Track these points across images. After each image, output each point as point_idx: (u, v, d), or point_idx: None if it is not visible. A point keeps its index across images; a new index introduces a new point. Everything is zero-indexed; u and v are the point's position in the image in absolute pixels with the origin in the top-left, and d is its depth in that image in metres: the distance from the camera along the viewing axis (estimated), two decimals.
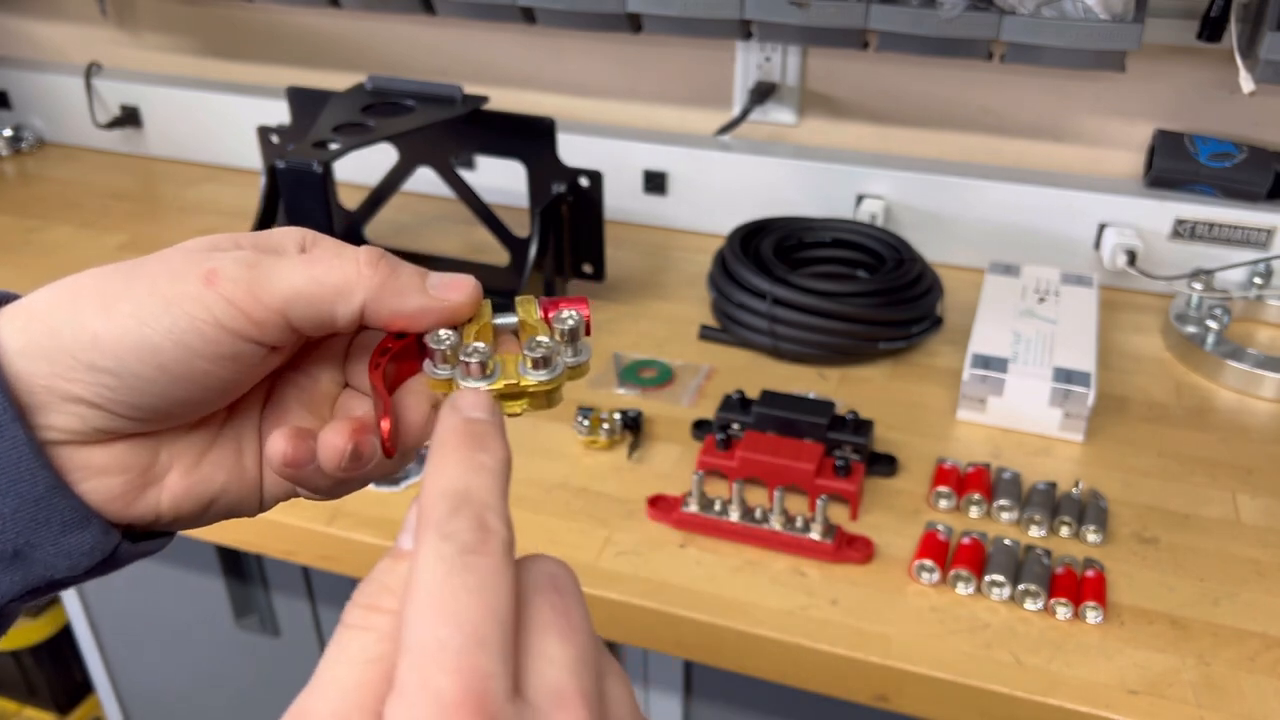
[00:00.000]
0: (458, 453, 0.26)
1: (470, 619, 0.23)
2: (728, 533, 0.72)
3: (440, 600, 0.23)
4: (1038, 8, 0.87)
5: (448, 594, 0.23)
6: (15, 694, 1.42)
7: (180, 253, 0.31)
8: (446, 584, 0.23)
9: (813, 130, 1.16)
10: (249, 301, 0.30)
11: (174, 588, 0.98)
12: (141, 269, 0.30)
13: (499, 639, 0.23)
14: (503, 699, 0.22)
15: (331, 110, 0.94)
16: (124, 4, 1.37)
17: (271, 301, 0.30)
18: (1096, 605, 0.66)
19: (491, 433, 0.27)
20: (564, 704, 0.24)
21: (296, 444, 0.32)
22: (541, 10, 1.02)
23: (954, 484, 0.76)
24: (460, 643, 0.22)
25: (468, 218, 1.08)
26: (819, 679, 0.66)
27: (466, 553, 0.24)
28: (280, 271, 0.30)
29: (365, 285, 0.31)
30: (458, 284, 0.33)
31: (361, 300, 0.31)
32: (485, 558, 0.24)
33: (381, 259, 0.31)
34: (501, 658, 0.23)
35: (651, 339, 0.97)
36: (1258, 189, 1.00)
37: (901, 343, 0.94)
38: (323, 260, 0.31)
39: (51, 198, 1.29)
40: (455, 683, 0.22)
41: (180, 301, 0.29)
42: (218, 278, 0.29)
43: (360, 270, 0.31)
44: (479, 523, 0.24)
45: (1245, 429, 0.86)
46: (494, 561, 0.24)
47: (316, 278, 0.30)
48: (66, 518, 0.30)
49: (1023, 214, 1.06)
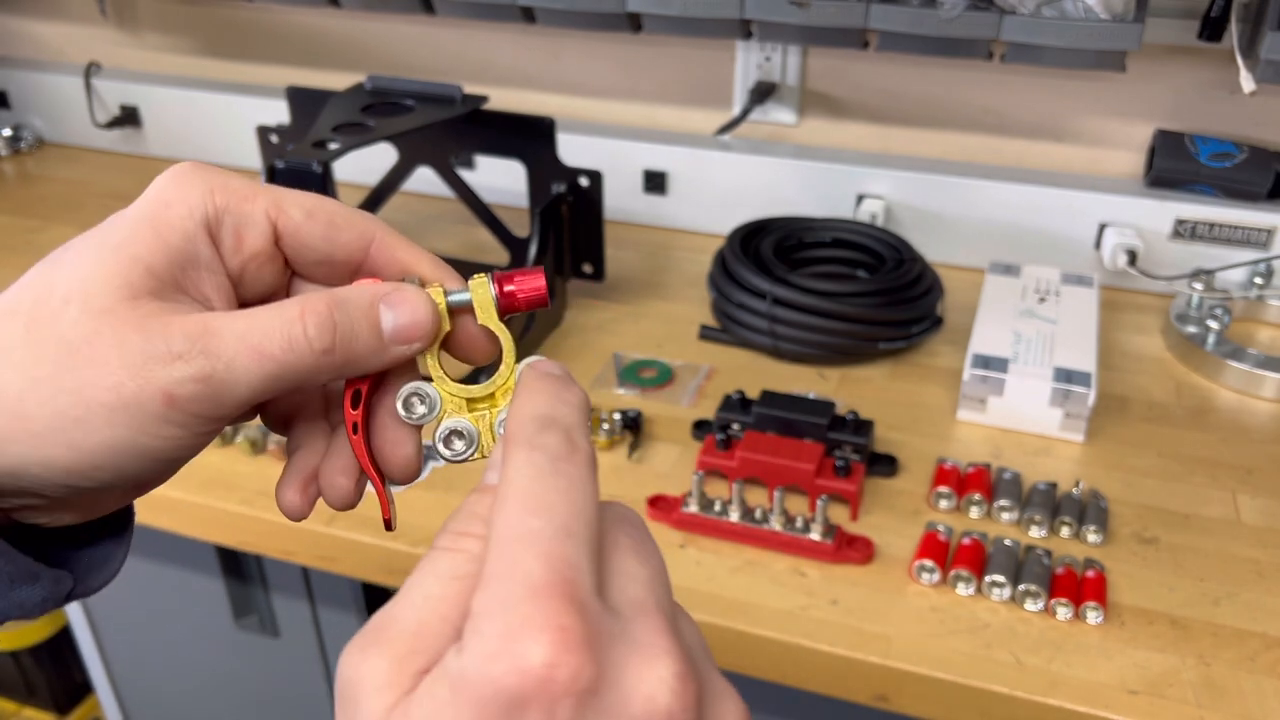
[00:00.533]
0: (544, 387, 0.28)
1: (560, 513, 0.24)
2: (728, 533, 0.72)
3: (532, 495, 0.24)
4: (1038, 8, 0.87)
5: (539, 491, 0.24)
6: (15, 694, 1.42)
7: (110, 340, 0.28)
8: (538, 483, 0.25)
9: (813, 130, 1.16)
10: (214, 409, 0.29)
11: (174, 588, 0.98)
12: (80, 377, 0.28)
13: (586, 536, 0.24)
14: (589, 589, 0.23)
15: (331, 110, 0.94)
16: (124, 4, 1.37)
17: (235, 404, 0.29)
18: (1097, 605, 0.66)
19: (570, 380, 0.29)
20: (645, 613, 0.24)
21: (308, 495, 0.34)
22: (541, 10, 1.02)
23: (954, 484, 0.76)
24: (551, 531, 0.24)
25: (468, 218, 1.08)
26: (819, 679, 0.66)
27: (557, 459, 0.25)
28: (236, 375, 0.29)
29: (325, 370, 0.30)
30: (416, 327, 0.31)
31: (326, 379, 0.31)
32: (574, 466, 0.25)
33: (334, 335, 0.30)
34: (589, 554, 0.24)
35: (651, 339, 0.97)
36: (1258, 189, 1.00)
37: (902, 343, 0.93)
38: (275, 355, 0.29)
39: (51, 198, 1.29)
40: (545, 566, 0.23)
41: (151, 429, 0.28)
42: (178, 400, 0.28)
43: (317, 362, 0.30)
44: (568, 438, 0.26)
45: (1246, 429, 0.86)
46: (582, 471, 0.26)
47: (275, 375, 0.29)
48: (15, 575, 0.29)
49: (1023, 214, 1.06)
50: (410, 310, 0.31)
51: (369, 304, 0.31)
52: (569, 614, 0.22)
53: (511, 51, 1.23)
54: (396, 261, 0.33)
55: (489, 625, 0.22)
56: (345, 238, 0.32)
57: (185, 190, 0.30)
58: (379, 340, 0.31)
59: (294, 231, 0.32)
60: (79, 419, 0.28)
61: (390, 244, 0.33)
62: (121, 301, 0.28)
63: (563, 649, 0.22)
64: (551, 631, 0.22)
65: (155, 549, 0.96)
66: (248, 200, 0.31)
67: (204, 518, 0.79)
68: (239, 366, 0.29)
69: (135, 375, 0.28)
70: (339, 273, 0.33)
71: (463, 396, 0.33)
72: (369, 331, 0.31)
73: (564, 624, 0.22)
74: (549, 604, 0.22)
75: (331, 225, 0.32)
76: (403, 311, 0.31)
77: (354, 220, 0.33)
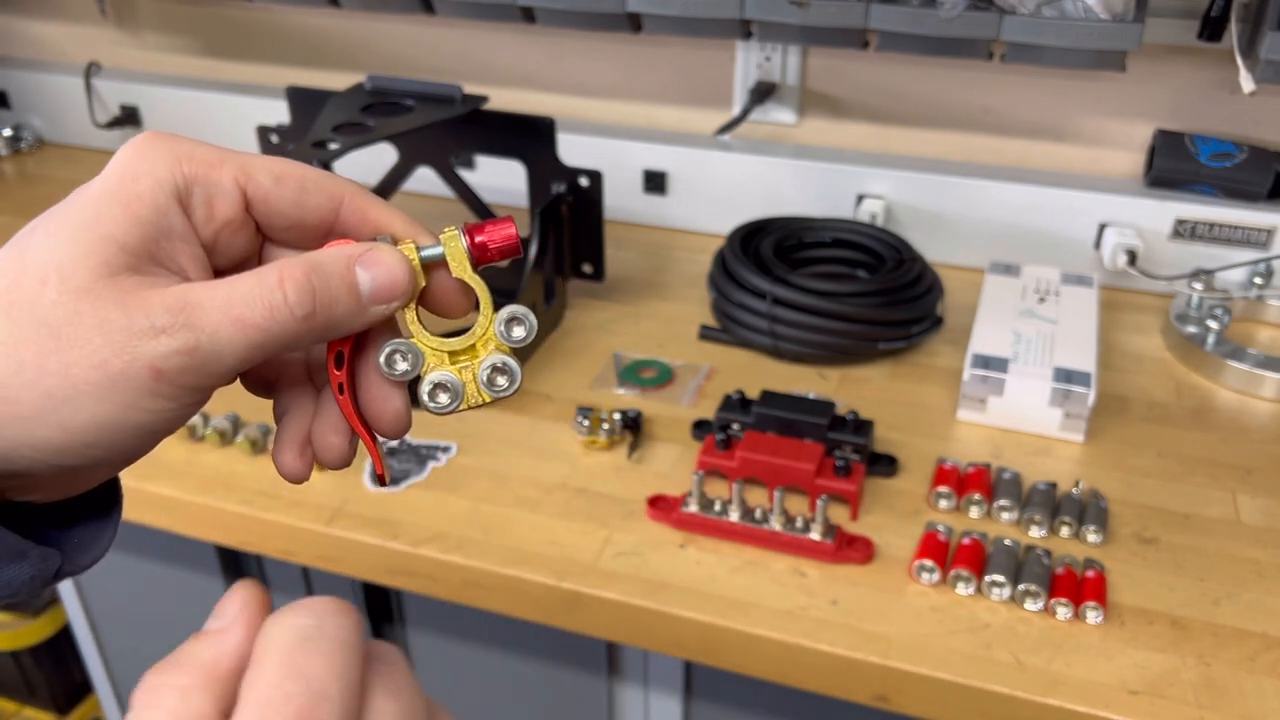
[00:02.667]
0: None
1: (317, 676, 0.24)
2: (728, 533, 0.72)
3: (289, 660, 0.24)
4: (1038, 7, 0.87)
5: (297, 655, 0.24)
6: (15, 694, 1.42)
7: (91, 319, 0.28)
8: (297, 648, 0.24)
9: (813, 130, 1.16)
10: (200, 379, 0.29)
11: (174, 588, 0.98)
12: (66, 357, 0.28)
13: (342, 695, 0.24)
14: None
15: (331, 110, 0.94)
16: (124, 4, 1.37)
17: (220, 373, 0.30)
18: (1097, 605, 0.66)
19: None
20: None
21: (305, 458, 0.33)
22: (541, 10, 1.02)
23: (954, 484, 0.76)
24: (305, 696, 0.23)
25: (468, 218, 1.08)
26: (819, 679, 0.66)
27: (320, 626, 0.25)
28: (220, 346, 0.29)
29: (307, 335, 0.30)
30: (392, 287, 0.32)
31: (308, 343, 0.31)
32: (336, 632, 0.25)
33: (313, 298, 0.30)
34: (343, 713, 0.24)
35: (651, 339, 0.97)
36: (1258, 189, 1.00)
37: (902, 343, 0.93)
38: (256, 323, 0.29)
39: (52, 198, 1.28)
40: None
41: (140, 403, 0.29)
42: (164, 374, 0.29)
43: (298, 328, 0.30)
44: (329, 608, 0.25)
45: (1245, 429, 0.86)
46: (345, 635, 0.25)
47: (258, 344, 0.30)
48: (1, 554, 0.30)
49: (1023, 214, 1.06)
50: (386, 270, 0.31)
51: (345, 267, 0.31)
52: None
53: (511, 51, 1.23)
54: (368, 221, 0.33)
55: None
56: (315, 201, 0.32)
57: (152, 162, 0.30)
58: (358, 302, 0.31)
59: (264, 198, 0.32)
60: (67, 399, 0.28)
61: (360, 204, 0.33)
62: (99, 280, 0.28)
63: None
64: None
65: (155, 549, 0.96)
66: (215, 168, 0.31)
67: (204, 518, 0.79)
68: (223, 337, 0.29)
69: (120, 352, 0.28)
70: (311, 235, 0.33)
71: (444, 350, 0.34)
72: (347, 294, 0.31)
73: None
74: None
75: (301, 189, 0.32)
76: (379, 271, 0.31)
77: (322, 183, 0.33)
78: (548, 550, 0.72)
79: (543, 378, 0.91)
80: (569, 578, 0.70)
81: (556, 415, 0.86)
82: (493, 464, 0.80)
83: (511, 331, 0.34)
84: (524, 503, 0.76)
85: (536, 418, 0.86)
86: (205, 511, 0.78)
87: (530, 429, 0.84)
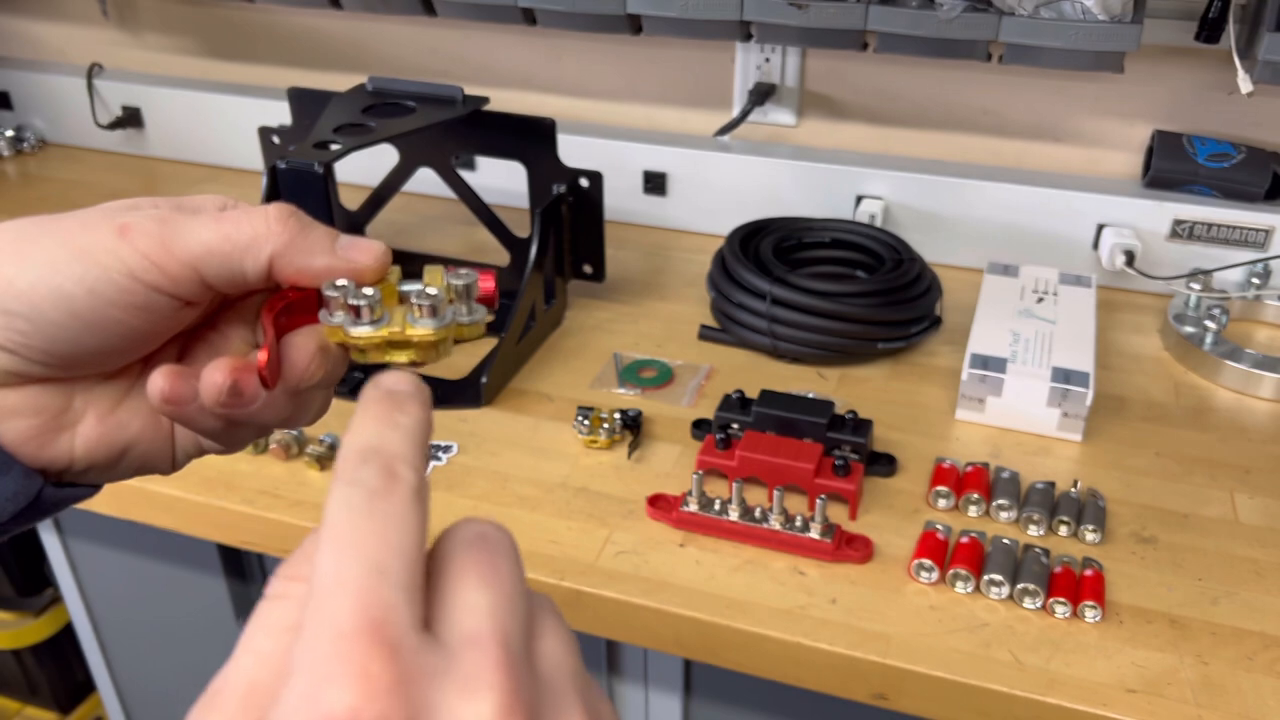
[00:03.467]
0: (374, 413, 0.26)
1: (370, 551, 0.23)
2: (727, 532, 0.73)
3: (343, 536, 0.23)
4: (1036, 9, 0.87)
5: (350, 530, 0.23)
6: (16, 693, 1.42)
7: (97, 210, 0.32)
8: (349, 522, 0.23)
9: (812, 131, 1.16)
10: (161, 254, 0.31)
11: (175, 587, 0.98)
12: (58, 222, 0.31)
13: (401, 571, 0.23)
14: (405, 628, 0.22)
15: (332, 111, 0.94)
16: (125, 5, 1.38)
17: (183, 255, 0.31)
18: (1095, 604, 0.66)
19: (412, 398, 0.27)
20: (475, 645, 0.23)
21: (175, 381, 0.32)
22: (541, 11, 1.03)
23: (953, 483, 0.77)
24: (358, 572, 0.22)
25: (468, 218, 1.08)
26: (818, 678, 0.67)
27: (372, 496, 0.24)
28: (192, 227, 0.31)
29: (273, 241, 0.32)
30: (365, 247, 0.33)
31: (269, 255, 0.32)
32: (390, 500, 0.24)
33: (291, 216, 0.32)
34: (405, 589, 0.22)
35: (651, 339, 0.97)
36: (1256, 189, 1.00)
37: (901, 343, 0.94)
38: (233, 219, 0.32)
39: (53, 198, 1.29)
40: (353, 610, 0.21)
41: (94, 252, 0.30)
42: (131, 231, 0.31)
43: (270, 227, 0.32)
44: (386, 470, 0.24)
45: (1243, 429, 0.86)
46: (399, 504, 0.24)
47: (226, 234, 0.31)
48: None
49: (1021, 214, 1.06)
50: (367, 242, 0.34)
51: (329, 228, 0.34)
52: (376, 659, 0.21)
53: (512, 53, 1.23)
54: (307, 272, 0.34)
55: (298, 679, 0.21)
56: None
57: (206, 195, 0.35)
58: (330, 244, 0.33)
59: None
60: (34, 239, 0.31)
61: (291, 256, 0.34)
62: (122, 202, 0.33)
63: (367, 697, 0.21)
64: (355, 679, 0.21)
65: (156, 548, 0.96)
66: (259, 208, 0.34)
67: (205, 517, 0.79)
68: (197, 221, 0.31)
69: (103, 214, 0.31)
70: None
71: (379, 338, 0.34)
72: (323, 233, 0.33)
73: (370, 670, 0.21)
74: (355, 650, 0.21)
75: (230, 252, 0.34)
76: (360, 240, 0.34)
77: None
78: (548, 549, 0.72)
79: (543, 377, 0.91)
80: (569, 576, 0.70)
81: (557, 415, 0.86)
82: (493, 463, 0.81)
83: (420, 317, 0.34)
84: (524, 502, 0.77)
85: (537, 417, 0.86)
86: (207, 510, 0.78)
87: (531, 429, 0.84)
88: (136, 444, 0.35)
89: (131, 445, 0.35)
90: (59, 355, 0.31)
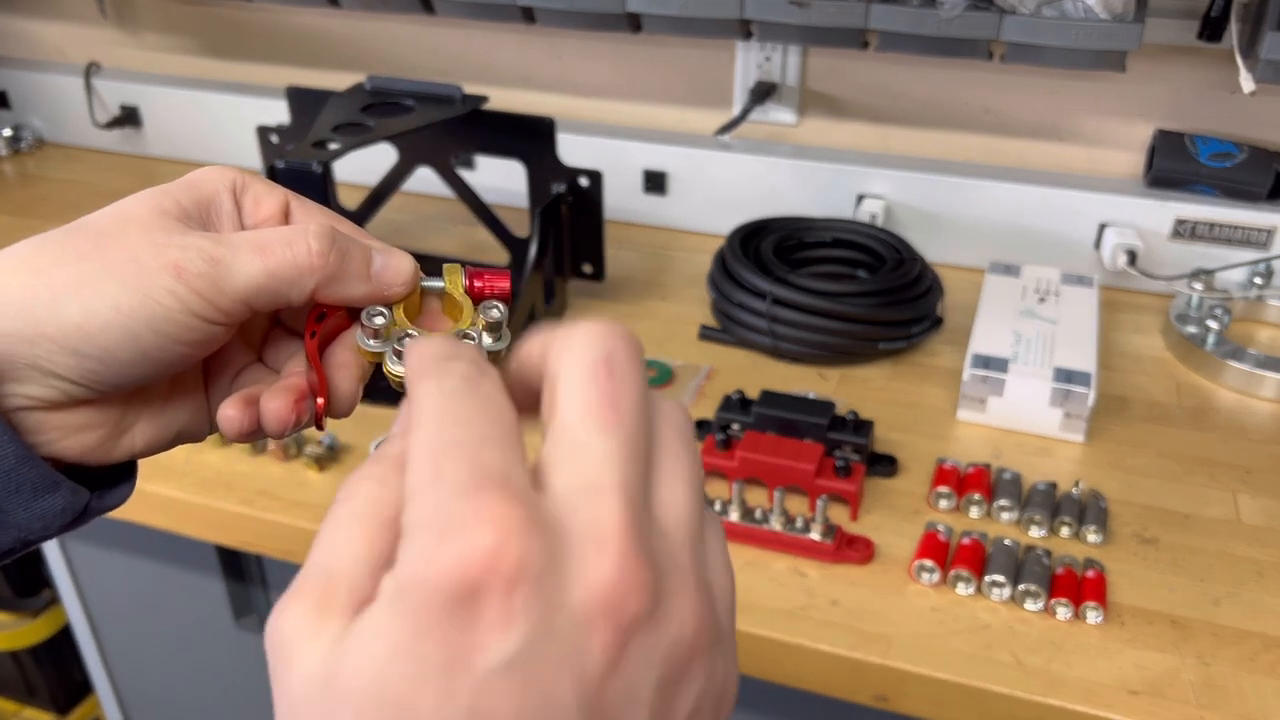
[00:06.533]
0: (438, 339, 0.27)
1: (477, 423, 0.23)
2: (728, 533, 0.72)
3: (446, 411, 0.23)
4: (1038, 7, 0.87)
5: (450, 408, 0.23)
6: (15, 694, 1.42)
7: (137, 231, 0.32)
8: (449, 402, 0.23)
9: (813, 130, 1.16)
10: (215, 294, 0.32)
11: (174, 588, 0.98)
12: (104, 253, 0.32)
13: (505, 438, 0.23)
14: (524, 482, 0.22)
15: (331, 110, 0.94)
16: (123, 4, 1.37)
17: (235, 294, 0.32)
18: (1097, 605, 0.66)
19: None
20: (598, 497, 0.22)
21: (246, 413, 0.34)
22: (541, 10, 1.02)
23: (954, 484, 0.76)
24: (467, 438, 0.22)
25: (468, 218, 1.08)
26: (819, 679, 0.66)
27: (467, 380, 0.24)
28: (240, 265, 0.32)
29: (316, 275, 0.33)
30: (400, 272, 0.35)
31: (313, 287, 0.33)
32: (484, 384, 0.24)
33: (333, 247, 0.33)
34: (515, 452, 0.23)
35: (651, 339, 0.97)
36: (1258, 189, 1.00)
37: (901, 343, 0.93)
38: (277, 254, 0.33)
39: (51, 198, 1.29)
40: (471, 469, 0.21)
41: (155, 295, 0.31)
42: (185, 273, 0.31)
43: (313, 262, 0.33)
44: (474, 364, 0.25)
45: (1245, 429, 0.86)
46: (492, 388, 0.24)
47: (273, 272, 0.33)
48: (37, 483, 0.32)
49: (1023, 214, 1.06)
50: (398, 259, 0.35)
51: (364, 244, 0.35)
52: (506, 503, 0.21)
53: (511, 51, 1.23)
54: None
55: (422, 533, 0.21)
56: None
57: (219, 170, 0.36)
58: (367, 269, 0.34)
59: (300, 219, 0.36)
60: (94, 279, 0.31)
61: None
62: (152, 213, 0.33)
63: (506, 533, 0.20)
64: (490, 520, 0.20)
65: (155, 549, 0.96)
66: (269, 184, 0.36)
67: (204, 518, 0.79)
68: (243, 258, 0.32)
69: (151, 249, 0.32)
70: None
71: None
72: (360, 259, 0.34)
73: (503, 512, 0.21)
74: (483, 498, 0.21)
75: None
76: (391, 259, 0.35)
77: None
78: None
79: None
80: None
81: None
82: None
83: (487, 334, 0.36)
84: None
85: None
86: (205, 511, 0.78)
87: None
88: (186, 429, 0.37)
89: (182, 431, 0.37)
90: (124, 384, 0.33)
